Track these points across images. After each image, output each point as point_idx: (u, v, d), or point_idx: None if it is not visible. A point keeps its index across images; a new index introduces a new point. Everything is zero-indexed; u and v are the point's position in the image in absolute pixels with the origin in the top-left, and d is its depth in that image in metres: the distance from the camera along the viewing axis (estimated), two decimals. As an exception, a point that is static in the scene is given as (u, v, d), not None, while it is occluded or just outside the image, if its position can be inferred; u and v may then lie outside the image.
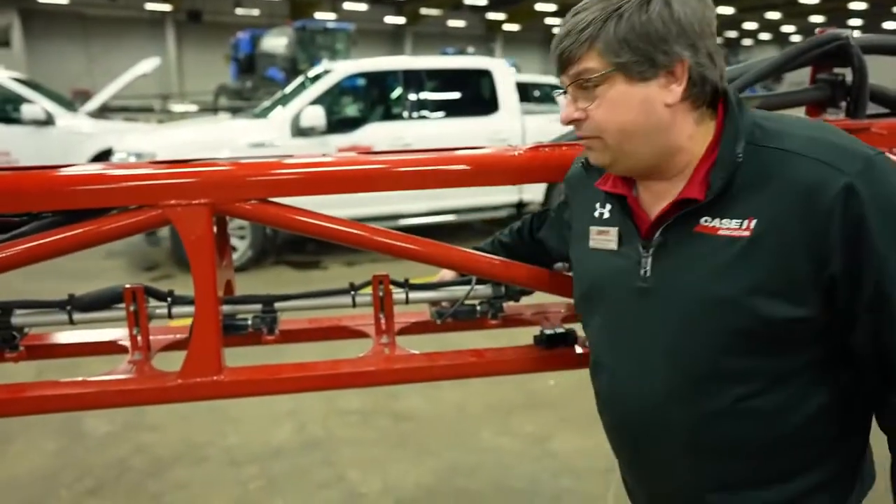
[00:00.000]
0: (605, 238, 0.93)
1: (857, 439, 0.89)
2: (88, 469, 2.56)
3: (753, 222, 0.78)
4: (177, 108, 14.82)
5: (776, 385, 0.81)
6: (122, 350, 1.30)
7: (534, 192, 6.00)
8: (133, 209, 1.09)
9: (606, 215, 0.95)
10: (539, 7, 27.66)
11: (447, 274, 1.29)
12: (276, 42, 16.19)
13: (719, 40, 0.88)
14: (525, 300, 1.37)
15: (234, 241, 5.07)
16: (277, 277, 5.03)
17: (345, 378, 1.17)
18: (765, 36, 37.65)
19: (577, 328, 1.30)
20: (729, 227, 0.80)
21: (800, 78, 1.49)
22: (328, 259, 5.51)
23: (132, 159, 4.82)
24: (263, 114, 5.51)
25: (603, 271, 0.93)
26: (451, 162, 1.18)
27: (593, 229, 0.96)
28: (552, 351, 1.24)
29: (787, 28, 34.92)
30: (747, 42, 38.70)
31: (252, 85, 15.68)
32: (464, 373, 1.22)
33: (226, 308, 1.20)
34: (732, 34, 36.92)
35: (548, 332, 1.26)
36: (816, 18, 31.66)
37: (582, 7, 0.82)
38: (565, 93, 0.87)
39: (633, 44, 0.78)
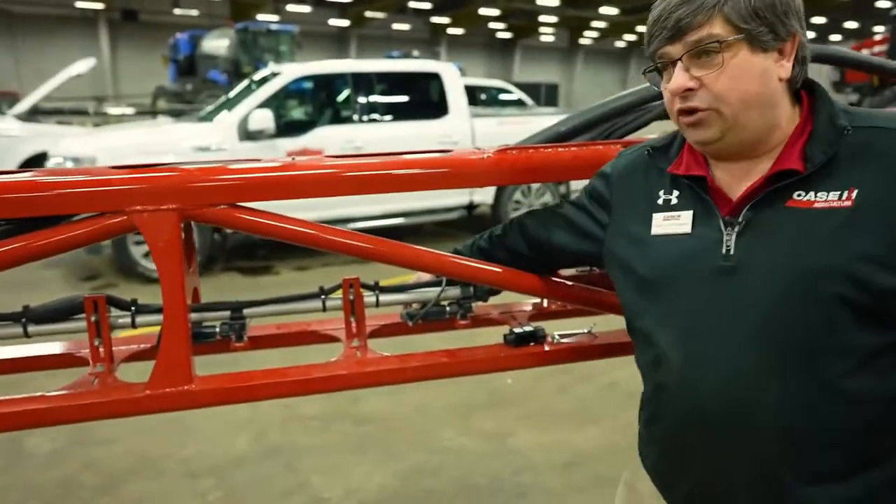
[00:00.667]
0: (675, 223, 0.92)
1: None
2: (35, 489, 2.44)
3: (855, 192, 0.80)
4: (113, 110, 14.20)
5: (866, 363, 0.81)
6: (79, 363, 1.26)
7: (484, 194, 6.08)
8: (95, 216, 1.05)
9: (674, 201, 0.94)
10: (483, 11, 27.97)
11: (424, 275, 1.30)
12: (218, 43, 15.77)
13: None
14: (492, 300, 1.40)
15: (180, 248, 4.92)
16: (227, 284, 4.91)
17: (318, 383, 1.17)
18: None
19: (546, 326, 1.34)
20: (826, 199, 0.81)
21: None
22: (279, 264, 5.42)
23: (69, 164, 4.61)
24: (209, 117, 5.37)
25: (672, 256, 0.91)
26: (421, 165, 1.19)
27: (658, 216, 0.94)
28: (522, 349, 1.27)
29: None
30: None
31: (193, 87, 15.23)
32: (437, 373, 1.23)
33: (193, 316, 1.18)
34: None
35: (517, 330, 1.29)
36: (745, 26, 33.14)
37: None
38: (657, 69, 0.88)
39: (761, 12, 0.80)
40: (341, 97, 5.86)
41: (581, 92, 36.11)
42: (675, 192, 0.95)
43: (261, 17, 23.32)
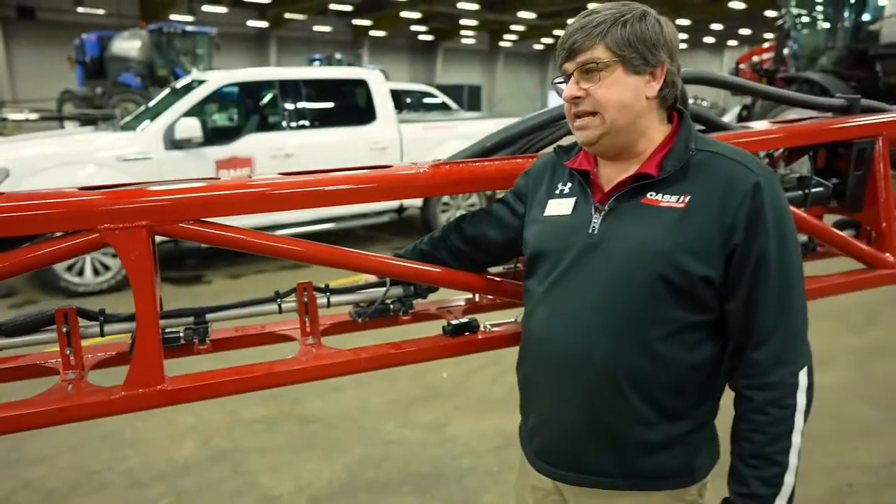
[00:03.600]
0: (561, 206, 1.15)
1: (714, 401, 1.13)
2: (-31, 512, 2.40)
3: (688, 198, 1.04)
4: (13, 116, 13.33)
5: (676, 334, 1.04)
6: (47, 372, 1.33)
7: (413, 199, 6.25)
8: (68, 234, 1.14)
9: (566, 190, 1.17)
10: (404, 14, 28.12)
11: (371, 276, 1.46)
12: (129, 45, 15.14)
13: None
14: (430, 297, 1.57)
15: (106, 260, 4.81)
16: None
17: (282, 376, 1.30)
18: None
19: (480, 318, 1.52)
20: (669, 200, 1.05)
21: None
22: (210, 273, 5.38)
23: (-20, 177, 4.41)
24: (131, 125, 5.25)
25: (555, 231, 1.14)
26: (366, 180, 1.35)
27: (552, 202, 1.18)
28: (459, 338, 1.45)
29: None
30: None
31: (103, 91, 14.54)
32: (386, 363, 1.39)
33: (161, 322, 1.28)
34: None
35: (454, 322, 1.47)
36: (653, 31, 35.03)
37: (592, 12, 1.06)
38: (563, 82, 1.10)
39: (633, 43, 1.03)
40: (269, 105, 5.87)
41: (502, 93, 36.99)
42: (569, 185, 1.19)
43: (174, 17, 22.47)
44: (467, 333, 1.47)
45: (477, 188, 1.47)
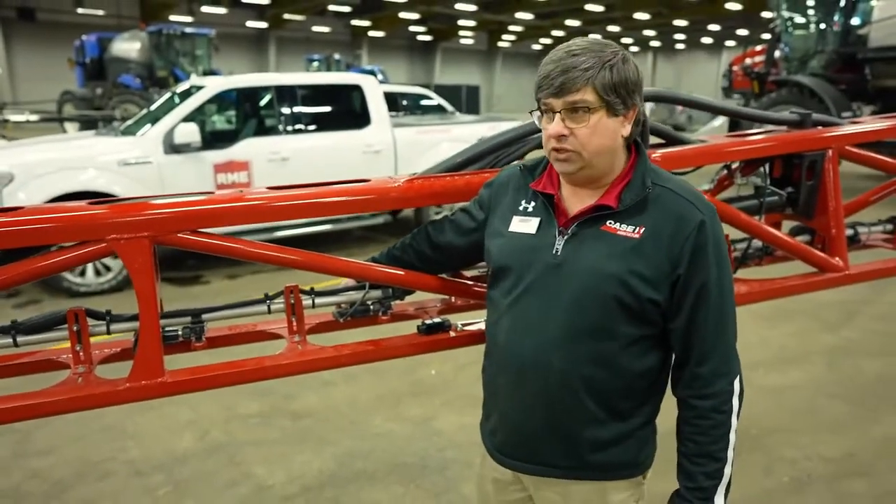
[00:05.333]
0: (526, 225, 1.25)
1: (657, 401, 1.27)
2: (-19, 500, 2.54)
3: (643, 229, 1.15)
4: (14, 117, 13.47)
5: (627, 346, 1.17)
6: (58, 366, 1.48)
7: (408, 199, 6.38)
8: (79, 244, 1.29)
9: (530, 209, 1.26)
10: (403, 15, 28.25)
11: (351, 280, 1.60)
12: (129, 46, 15.31)
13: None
14: (408, 298, 1.72)
15: (107, 261, 4.95)
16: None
17: (270, 370, 1.45)
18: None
19: (452, 318, 1.67)
20: (626, 230, 1.16)
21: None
22: (209, 273, 5.52)
23: (-15, 181, 4.56)
24: (131, 130, 5.40)
25: (520, 248, 1.23)
26: (347, 193, 1.49)
27: (516, 218, 1.26)
28: (432, 336, 1.60)
29: (626, 40, 38.56)
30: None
31: (103, 92, 14.69)
32: (365, 359, 1.54)
33: (161, 322, 1.43)
34: (581, 44, 39.99)
35: (427, 322, 1.62)
36: (649, 32, 35.30)
37: (576, 51, 1.11)
38: (541, 112, 1.17)
39: (618, 89, 1.11)
40: (266, 110, 6.01)
41: (500, 93, 37.12)
42: (533, 203, 1.29)
43: (174, 18, 22.60)
44: (440, 332, 1.62)
45: (447, 201, 1.62)
